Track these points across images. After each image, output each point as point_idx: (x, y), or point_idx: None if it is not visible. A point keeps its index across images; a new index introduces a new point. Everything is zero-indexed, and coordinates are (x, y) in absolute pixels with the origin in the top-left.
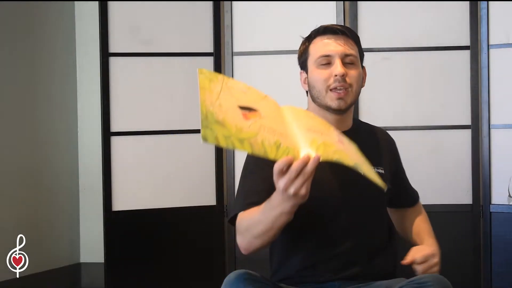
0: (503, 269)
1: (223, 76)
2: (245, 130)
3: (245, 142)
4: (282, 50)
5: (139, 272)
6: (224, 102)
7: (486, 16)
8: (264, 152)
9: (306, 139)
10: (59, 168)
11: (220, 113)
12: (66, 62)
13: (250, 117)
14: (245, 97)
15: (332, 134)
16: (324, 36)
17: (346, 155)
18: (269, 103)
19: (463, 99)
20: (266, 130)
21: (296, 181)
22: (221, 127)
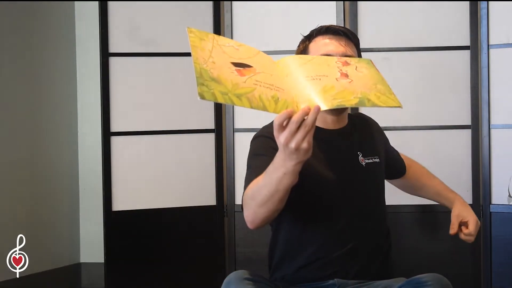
0: (503, 269)
1: (213, 34)
2: (241, 86)
3: (243, 97)
4: (282, 50)
5: (139, 272)
6: (217, 59)
7: (486, 16)
8: (263, 106)
9: (304, 90)
10: (59, 168)
11: (214, 70)
12: (66, 62)
13: (245, 73)
14: (238, 53)
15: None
16: (326, 35)
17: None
18: (263, 59)
19: (463, 99)
20: (262, 85)
21: (297, 134)
22: (217, 84)
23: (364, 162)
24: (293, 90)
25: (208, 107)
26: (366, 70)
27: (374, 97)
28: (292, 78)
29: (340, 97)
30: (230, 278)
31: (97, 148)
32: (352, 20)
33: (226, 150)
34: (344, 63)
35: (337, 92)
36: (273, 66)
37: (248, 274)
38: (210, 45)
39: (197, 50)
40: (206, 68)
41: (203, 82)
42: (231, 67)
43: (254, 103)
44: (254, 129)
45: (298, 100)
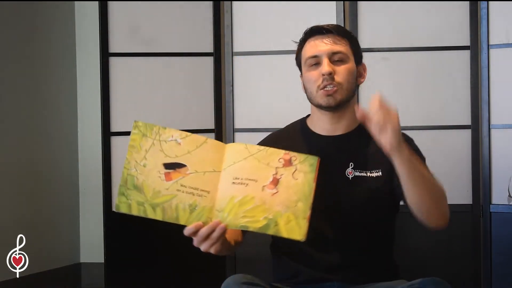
0: (503, 269)
1: (159, 127)
2: (162, 194)
3: (158, 208)
4: (282, 50)
5: (139, 272)
6: (150, 160)
7: (486, 16)
8: (176, 217)
9: (226, 197)
10: (59, 168)
11: (141, 175)
12: (66, 62)
13: (172, 177)
14: (177, 149)
15: (266, 174)
16: (312, 37)
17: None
18: (207, 149)
19: (463, 99)
20: (185, 191)
21: (204, 243)
22: (137, 193)
23: (353, 174)
24: (219, 192)
25: (208, 107)
26: (302, 177)
27: (284, 221)
28: (225, 175)
29: (250, 215)
30: (227, 282)
31: (97, 148)
32: (352, 20)
33: None
34: (286, 162)
35: (252, 208)
36: (214, 158)
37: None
38: (149, 143)
39: (133, 151)
40: (133, 173)
41: (124, 192)
42: (161, 169)
43: (167, 214)
44: (254, 129)
45: (216, 207)
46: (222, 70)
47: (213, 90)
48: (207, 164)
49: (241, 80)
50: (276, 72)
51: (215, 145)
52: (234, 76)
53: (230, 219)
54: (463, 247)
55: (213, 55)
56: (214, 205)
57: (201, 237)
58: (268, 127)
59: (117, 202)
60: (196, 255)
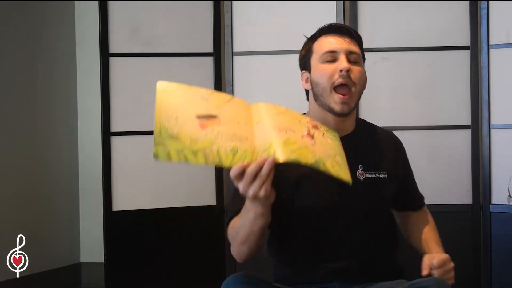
0: (503, 269)
1: (184, 86)
2: (200, 140)
3: (199, 153)
4: (282, 50)
5: (139, 272)
6: (181, 114)
7: (486, 16)
8: (219, 160)
9: (267, 140)
10: (59, 168)
11: (175, 127)
12: (66, 62)
13: (208, 126)
14: (206, 104)
15: (300, 128)
16: (329, 34)
17: (307, 152)
18: (234, 105)
19: (463, 99)
20: (223, 137)
21: (253, 184)
22: (174, 141)
23: (364, 176)
24: (257, 139)
25: None
26: (330, 141)
27: (330, 165)
28: (261, 125)
29: (298, 153)
30: (228, 281)
31: (97, 148)
32: (352, 20)
33: None
34: (314, 126)
35: (298, 148)
36: (243, 113)
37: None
38: (177, 100)
39: (162, 106)
40: (166, 126)
41: (161, 141)
42: (195, 120)
43: (210, 158)
44: None
45: (258, 149)
46: (222, 70)
47: (213, 90)
48: (239, 116)
49: (241, 80)
50: (276, 72)
51: (241, 103)
52: (234, 76)
53: (278, 154)
54: (463, 247)
55: (213, 55)
56: (256, 148)
57: (249, 176)
58: None
59: (154, 151)
60: (196, 255)
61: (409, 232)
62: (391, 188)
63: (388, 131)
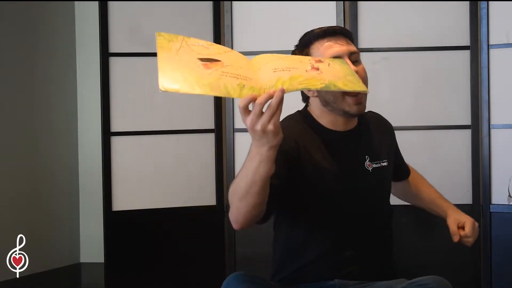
0: (503, 269)
1: (183, 36)
2: (206, 77)
3: (206, 86)
4: (282, 50)
5: (139, 272)
6: (184, 56)
7: (486, 16)
8: (227, 92)
9: (271, 79)
10: (59, 168)
11: (179, 64)
12: (66, 62)
13: (211, 66)
14: (207, 51)
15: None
16: (324, 38)
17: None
18: (234, 55)
19: (463, 99)
20: (228, 75)
21: (262, 116)
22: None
23: (371, 167)
24: (261, 80)
25: (208, 107)
26: (338, 66)
27: (342, 84)
28: (263, 70)
29: (306, 83)
30: (228, 280)
31: (97, 148)
32: (352, 20)
33: (226, 150)
34: (317, 61)
35: (305, 79)
36: (244, 62)
37: (247, 276)
38: (178, 45)
39: (163, 50)
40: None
41: (165, 74)
42: (197, 62)
43: (217, 90)
44: None
45: (265, 86)
46: None
47: None
48: (240, 63)
49: None
50: None
51: (241, 55)
52: None
53: (287, 86)
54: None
55: None
56: (262, 86)
57: (258, 106)
58: None
59: (161, 82)
60: (196, 255)
61: (412, 197)
62: (391, 172)
63: (376, 114)
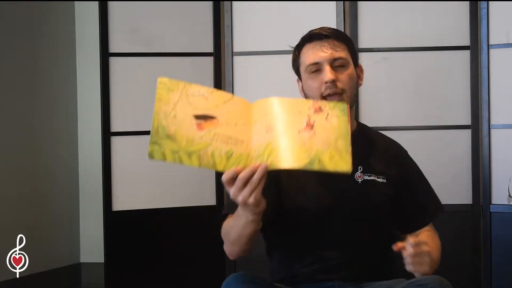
0: (503, 269)
1: (185, 83)
2: (196, 142)
3: (194, 155)
4: (282, 50)
5: (139, 272)
6: (180, 112)
7: (486, 16)
8: (213, 164)
9: (262, 144)
10: (59, 168)
11: (172, 125)
12: (66, 62)
13: (205, 127)
14: (206, 103)
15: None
16: (311, 43)
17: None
18: (234, 105)
19: (463, 99)
20: (219, 140)
21: (243, 190)
22: (170, 141)
23: (362, 178)
24: (253, 142)
25: None
26: (335, 120)
27: (327, 157)
28: (258, 126)
29: (291, 158)
30: (228, 280)
31: (97, 148)
32: (352, 20)
33: None
34: (317, 109)
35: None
36: (242, 113)
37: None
38: (177, 97)
39: (161, 103)
40: (164, 124)
41: (157, 141)
42: (192, 120)
43: (204, 161)
44: None
45: (253, 154)
46: (222, 70)
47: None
48: (237, 117)
49: (241, 80)
50: (276, 72)
51: (241, 102)
52: (234, 76)
53: (271, 161)
54: (463, 247)
55: (213, 55)
56: (251, 152)
57: (241, 181)
58: None
59: (150, 150)
60: (196, 255)
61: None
62: (391, 193)
63: (394, 141)
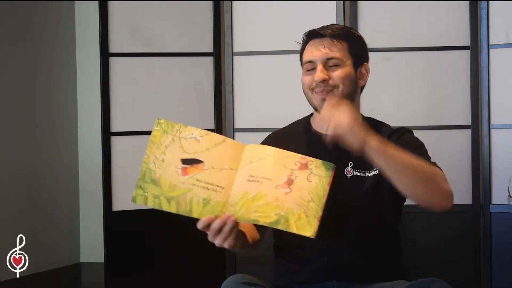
0: (503, 269)
1: (180, 125)
2: (177, 187)
3: (173, 201)
4: (282, 50)
5: (139, 272)
6: (169, 156)
7: (486, 16)
8: (190, 210)
9: (240, 193)
10: (59, 168)
11: (159, 169)
12: (66, 62)
13: (189, 172)
14: (197, 146)
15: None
16: (312, 40)
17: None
18: (225, 148)
19: (463, 99)
20: (200, 186)
21: (217, 237)
22: (154, 186)
23: (351, 173)
24: (234, 189)
25: (208, 107)
26: (316, 180)
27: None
28: (241, 173)
29: (262, 211)
30: (227, 282)
31: (97, 148)
32: (352, 20)
33: None
34: (302, 165)
35: (264, 204)
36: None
37: (246, 278)
38: (169, 139)
39: (153, 146)
40: (151, 168)
41: (141, 185)
42: (179, 164)
43: (181, 207)
44: (254, 129)
45: (229, 202)
46: (222, 70)
47: (213, 90)
48: (224, 162)
49: (241, 80)
50: (276, 72)
51: (233, 145)
52: (234, 76)
53: (242, 213)
54: (463, 247)
55: (213, 55)
56: (228, 200)
57: (213, 230)
58: (268, 127)
59: (134, 195)
60: (196, 255)
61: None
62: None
63: (389, 126)
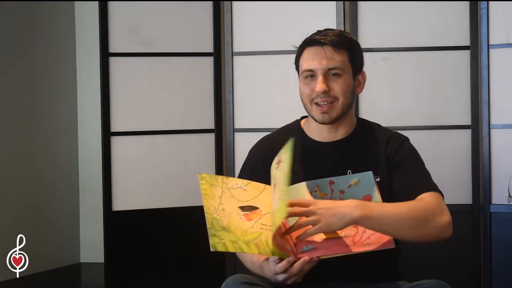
0: (503, 269)
1: (222, 177)
2: (249, 232)
3: (251, 244)
4: (282, 50)
5: (139, 272)
6: (227, 205)
7: (486, 16)
8: (269, 251)
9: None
10: (59, 168)
11: (224, 218)
12: (66, 62)
13: (252, 218)
14: (245, 195)
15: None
16: (311, 48)
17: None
18: (267, 194)
19: (463, 99)
20: (267, 228)
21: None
22: (227, 233)
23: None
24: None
25: (208, 107)
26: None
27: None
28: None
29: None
30: (227, 283)
31: (97, 148)
32: (352, 20)
33: (226, 150)
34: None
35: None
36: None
37: (245, 278)
38: (220, 191)
39: (208, 198)
40: (216, 217)
41: (215, 233)
42: (239, 212)
43: (261, 248)
44: (254, 129)
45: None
46: (222, 70)
47: (213, 90)
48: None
49: (241, 80)
50: (276, 72)
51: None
52: (234, 76)
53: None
54: (463, 247)
55: (213, 55)
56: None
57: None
58: (268, 127)
59: (212, 243)
60: (196, 255)
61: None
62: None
63: (389, 131)
